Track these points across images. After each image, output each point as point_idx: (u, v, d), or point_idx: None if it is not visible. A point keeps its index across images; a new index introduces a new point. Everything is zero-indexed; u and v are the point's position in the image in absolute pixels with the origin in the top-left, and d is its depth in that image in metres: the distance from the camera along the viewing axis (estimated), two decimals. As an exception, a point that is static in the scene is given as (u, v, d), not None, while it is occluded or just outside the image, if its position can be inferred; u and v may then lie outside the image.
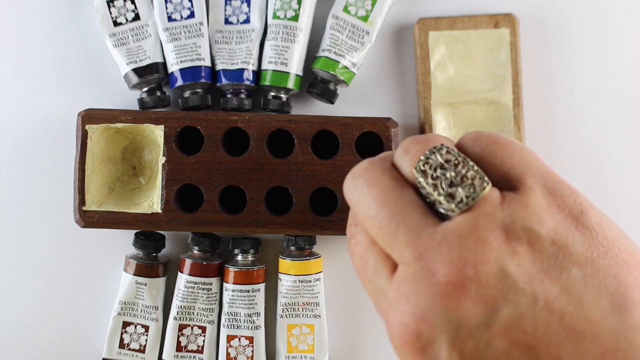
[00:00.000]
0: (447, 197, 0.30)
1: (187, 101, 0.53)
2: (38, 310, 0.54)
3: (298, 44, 0.53)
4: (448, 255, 0.28)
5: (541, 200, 0.29)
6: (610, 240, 0.29)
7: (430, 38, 0.54)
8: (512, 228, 0.29)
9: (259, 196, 0.51)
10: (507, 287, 0.27)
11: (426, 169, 0.31)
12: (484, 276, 0.28)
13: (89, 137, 0.51)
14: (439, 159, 0.31)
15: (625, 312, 0.27)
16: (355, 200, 0.32)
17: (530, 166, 0.31)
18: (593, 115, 0.56)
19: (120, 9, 0.53)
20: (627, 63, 0.56)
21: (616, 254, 0.29)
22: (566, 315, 0.27)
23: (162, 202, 0.51)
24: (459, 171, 0.30)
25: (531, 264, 0.28)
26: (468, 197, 0.29)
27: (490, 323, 0.27)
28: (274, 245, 0.55)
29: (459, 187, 0.30)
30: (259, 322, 0.52)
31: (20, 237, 0.55)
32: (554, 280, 0.28)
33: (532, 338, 0.27)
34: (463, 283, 0.28)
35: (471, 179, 0.30)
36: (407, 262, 0.30)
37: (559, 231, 0.29)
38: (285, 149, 0.52)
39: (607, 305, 0.27)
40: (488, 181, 0.30)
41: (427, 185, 0.30)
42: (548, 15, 0.56)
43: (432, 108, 0.54)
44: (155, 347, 0.52)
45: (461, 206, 0.29)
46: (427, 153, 0.31)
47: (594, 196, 0.55)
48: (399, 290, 0.30)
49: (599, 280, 0.28)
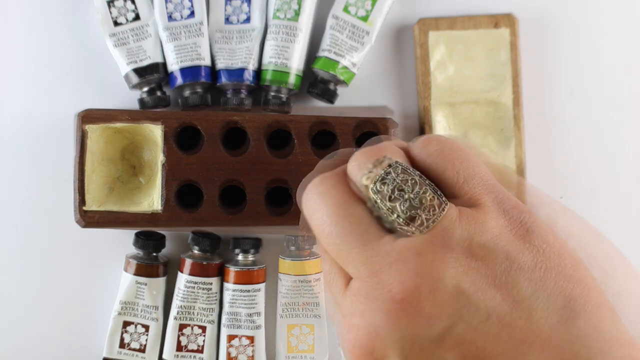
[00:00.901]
0: (407, 220, 0.30)
1: (187, 101, 0.53)
2: (38, 310, 0.54)
3: (298, 44, 0.53)
4: (404, 272, 0.28)
5: (497, 218, 0.30)
6: (556, 256, 0.29)
7: (430, 38, 0.54)
8: (468, 244, 0.29)
9: (259, 194, 0.51)
10: (461, 304, 0.28)
11: (383, 190, 0.30)
12: (440, 293, 0.28)
13: (88, 137, 0.51)
14: (396, 179, 0.30)
15: (572, 326, 0.28)
16: (309, 215, 0.32)
17: (488, 185, 0.31)
18: (593, 115, 0.56)
19: (120, 9, 0.53)
20: (627, 63, 0.56)
21: (562, 269, 0.29)
22: (516, 329, 0.28)
23: (162, 201, 0.51)
24: (417, 192, 0.30)
25: (484, 280, 0.28)
26: (429, 220, 0.29)
27: (444, 339, 0.28)
28: (275, 245, 0.55)
29: (418, 209, 0.30)
30: (260, 321, 0.52)
31: (21, 237, 0.55)
32: (505, 295, 0.28)
33: (483, 352, 0.28)
34: (418, 300, 0.28)
35: (430, 200, 0.30)
36: (361, 278, 0.30)
37: (510, 248, 0.29)
38: (284, 147, 0.52)
39: (555, 318, 0.28)
40: (446, 201, 0.30)
41: (383, 206, 0.30)
42: (548, 15, 0.56)
43: (432, 108, 0.54)
44: (156, 347, 0.52)
45: (422, 229, 0.29)
46: (382, 172, 0.30)
47: (594, 196, 0.56)
48: (353, 305, 0.30)
49: (547, 295, 0.28)
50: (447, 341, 0.28)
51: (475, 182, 0.31)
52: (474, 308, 0.28)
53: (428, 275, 0.28)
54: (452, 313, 0.28)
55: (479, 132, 0.54)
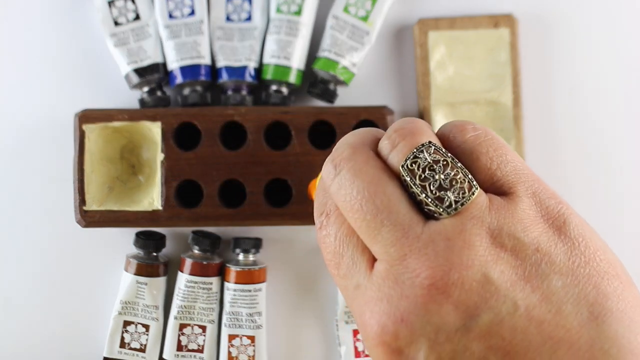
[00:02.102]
0: (435, 200, 0.29)
1: (186, 99, 0.53)
2: (39, 309, 0.54)
3: (301, 39, 0.53)
4: (434, 257, 0.28)
5: (528, 209, 0.29)
6: (591, 251, 0.29)
7: (430, 38, 0.54)
8: (497, 234, 0.28)
9: (259, 189, 0.51)
10: (490, 293, 0.27)
11: (414, 168, 0.30)
12: (468, 281, 0.27)
13: (86, 137, 0.51)
14: (428, 158, 0.30)
15: (603, 323, 0.27)
16: (336, 189, 0.31)
17: (522, 174, 0.31)
18: (593, 115, 0.56)
19: (120, 9, 0.53)
20: (627, 63, 0.56)
21: (597, 264, 0.28)
22: (545, 322, 0.27)
23: (162, 199, 0.51)
24: (448, 173, 0.30)
25: (514, 271, 0.28)
26: (457, 202, 0.29)
27: (470, 328, 0.27)
28: (275, 245, 0.55)
29: (448, 191, 0.29)
30: (261, 321, 0.52)
31: (21, 237, 0.54)
32: (535, 288, 0.28)
33: (510, 344, 0.27)
34: (447, 287, 0.27)
35: (460, 183, 0.29)
36: (390, 260, 0.29)
37: (542, 240, 0.29)
38: (282, 141, 0.52)
39: (585, 314, 0.27)
40: (477, 186, 0.29)
41: (414, 185, 0.30)
42: (548, 16, 0.56)
43: (432, 108, 0.54)
44: (156, 347, 0.52)
45: (450, 211, 0.29)
46: (415, 151, 0.30)
47: (594, 196, 0.56)
48: (380, 289, 0.29)
49: (578, 290, 0.28)
50: (473, 331, 0.27)
51: (509, 170, 0.30)
52: (502, 298, 0.27)
53: (457, 262, 0.28)
54: (480, 302, 0.27)
55: (479, 132, 0.54)
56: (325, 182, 0.32)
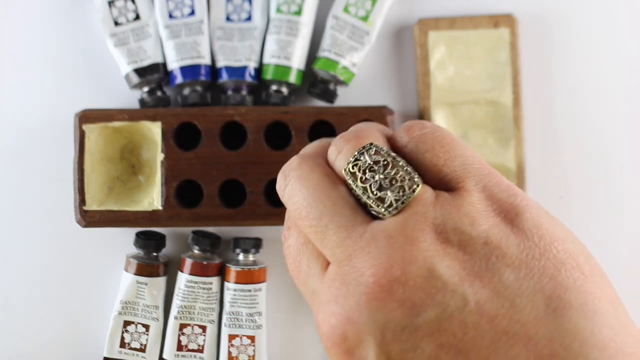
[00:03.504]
0: (376, 200, 0.29)
1: (186, 99, 0.53)
2: (39, 310, 0.54)
3: (301, 39, 0.53)
4: (376, 255, 0.28)
5: (477, 202, 0.29)
6: (547, 242, 0.28)
7: (430, 38, 0.54)
8: (442, 229, 0.28)
9: (259, 189, 0.51)
10: (436, 289, 0.27)
11: (355, 171, 0.30)
12: (412, 277, 0.27)
13: (86, 137, 0.51)
14: (368, 160, 0.30)
15: (562, 316, 0.26)
16: (287, 198, 0.32)
17: (471, 168, 0.30)
18: (593, 115, 0.56)
19: (120, 9, 0.53)
20: (627, 63, 0.56)
21: (554, 256, 0.27)
22: (497, 317, 0.26)
23: (163, 199, 0.51)
24: (388, 173, 0.30)
25: (461, 266, 0.27)
26: (397, 201, 0.29)
27: (417, 325, 0.26)
28: (276, 244, 0.55)
29: (387, 191, 0.29)
30: (261, 321, 0.52)
31: (21, 237, 0.55)
32: (485, 282, 0.27)
33: (461, 341, 0.26)
34: (390, 284, 0.27)
35: (400, 181, 0.29)
36: (337, 262, 0.29)
37: (492, 233, 0.28)
38: (283, 141, 0.52)
39: (542, 307, 0.26)
40: (418, 182, 0.29)
41: (356, 188, 0.30)
42: (548, 16, 0.56)
43: (432, 108, 0.54)
44: (156, 347, 0.52)
45: (391, 210, 0.29)
46: (356, 154, 0.30)
47: (594, 196, 0.56)
48: (329, 290, 0.29)
49: (533, 283, 0.27)
50: (421, 328, 0.26)
51: (456, 164, 0.30)
52: (449, 294, 0.26)
53: (400, 259, 0.27)
54: (426, 298, 0.27)
55: (478, 132, 0.54)
56: (279, 193, 0.33)
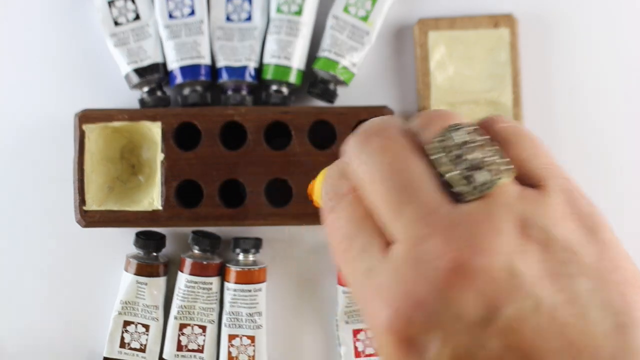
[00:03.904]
0: (464, 179, 0.27)
1: (186, 99, 0.53)
2: (39, 309, 0.54)
3: (301, 39, 0.53)
4: (459, 239, 0.26)
5: (558, 204, 0.27)
6: (620, 258, 0.27)
7: (430, 38, 0.54)
8: (527, 224, 0.26)
9: (259, 189, 0.51)
10: (514, 286, 0.25)
11: (445, 145, 0.28)
12: (493, 269, 0.25)
13: (86, 137, 0.51)
14: (461, 137, 0.28)
15: (628, 334, 0.25)
16: (360, 165, 0.29)
17: (555, 169, 0.29)
18: (593, 115, 0.56)
19: (120, 9, 0.53)
20: (627, 63, 0.56)
21: (624, 272, 0.27)
22: (568, 326, 0.25)
23: (163, 199, 0.51)
24: (480, 154, 0.28)
25: (540, 266, 0.26)
26: (487, 183, 0.27)
27: (490, 321, 0.25)
28: (275, 244, 0.55)
29: (478, 171, 0.27)
30: (261, 321, 0.52)
31: (21, 237, 0.54)
32: (561, 288, 0.25)
33: (529, 345, 0.25)
34: (470, 272, 0.25)
35: (493, 164, 0.27)
36: (410, 241, 0.27)
37: (572, 238, 0.27)
38: (283, 141, 0.52)
39: (610, 323, 0.25)
40: (509, 169, 0.27)
41: (444, 163, 0.28)
42: (548, 16, 0.56)
43: (432, 108, 0.54)
44: (156, 347, 0.52)
45: (480, 190, 0.27)
46: (449, 128, 0.28)
47: (594, 196, 0.55)
48: (396, 271, 0.27)
49: (606, 296, 0.26)
50: (493, 325, 0.25)
51: (540, 163, 0.29)
52: (524, 293, 0.25)
53: (483, 248, 0.26)
54: (504, 294, 0.25)
55: (479, 132, 0.54)
56: (348, 157, 0.30)
